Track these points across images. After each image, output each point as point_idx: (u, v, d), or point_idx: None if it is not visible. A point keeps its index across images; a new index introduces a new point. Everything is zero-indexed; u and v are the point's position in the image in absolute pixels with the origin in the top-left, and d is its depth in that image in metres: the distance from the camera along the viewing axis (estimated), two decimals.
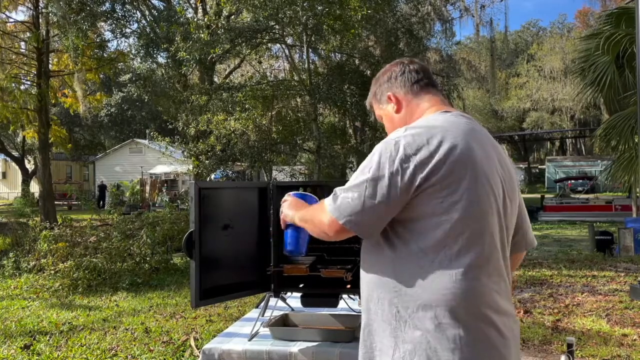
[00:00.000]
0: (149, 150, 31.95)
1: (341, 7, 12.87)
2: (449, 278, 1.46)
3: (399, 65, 1.81)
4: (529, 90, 40.05)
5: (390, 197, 1.48)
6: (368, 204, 1.49)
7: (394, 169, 1.47)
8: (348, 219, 1.52)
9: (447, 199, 1.46)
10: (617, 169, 8.97)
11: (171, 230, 10.66)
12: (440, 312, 1.45)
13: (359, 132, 21.61)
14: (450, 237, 1.46)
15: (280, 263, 2.50)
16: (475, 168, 1.49)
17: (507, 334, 1.50)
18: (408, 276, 1.49)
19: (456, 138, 1.50)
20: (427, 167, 1.45)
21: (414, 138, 1.49)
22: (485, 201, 1.50)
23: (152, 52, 16.73)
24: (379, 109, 1.84)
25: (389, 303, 1.52)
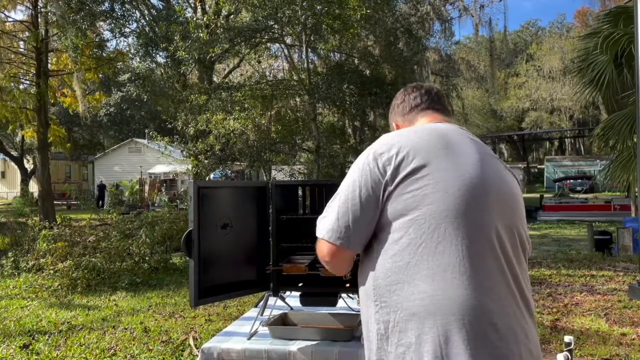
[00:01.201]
0: (148, 149, 31.93)
1: (340, 6, 12.86)
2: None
3: (400, 95, 1.89)
4: (528, 90, 40.05)
5: (360, 199, 1.55)
6: (341, 215, 1.58)
7: (359, 170, 1.57)
8: (325, 232, 1.59)
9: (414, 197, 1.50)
10: (616, 169, 8.97)
11: (170, 229, 10.65)
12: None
13: (358, 131, 21.62)
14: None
15: (279, 262, 2.50)
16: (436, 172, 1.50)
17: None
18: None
19: (413, 145, 1.54)
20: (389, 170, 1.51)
21: (384, 141, 1.60)
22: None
23: (151, 52, 16.72)
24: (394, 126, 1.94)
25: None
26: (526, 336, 1.44)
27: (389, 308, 1.46)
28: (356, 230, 1.53)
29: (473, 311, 1.38)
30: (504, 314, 1.42)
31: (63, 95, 20.65)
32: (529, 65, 42.31)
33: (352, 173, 1.58)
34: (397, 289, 1.45)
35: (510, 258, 1.49)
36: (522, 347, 1.42)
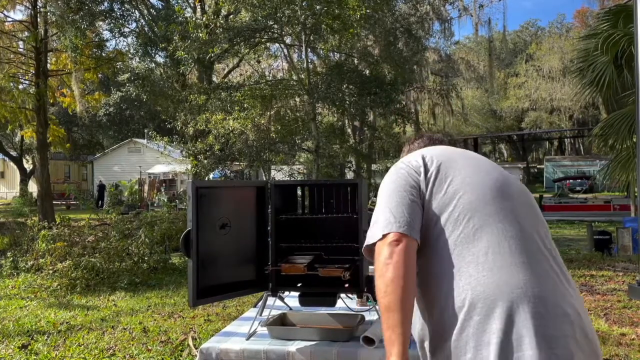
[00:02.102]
0: (147, 149, 31.92)
1: (340, 6, 12.85)
2: None
3: (406, 145, 2.09)
4: (528, 90, 40.06)
5: (404, 195, 1.63)
6: (389, 212, 1.61)
7: (394, 177, 1.70)
8: (390, 227, 1.56)
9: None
10: (615, 168, 8.97)
11: (169, 229, 10.64)
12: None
13: (358, 131, 21.62)
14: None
15: (278, 262, 2.49)
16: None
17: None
18: None
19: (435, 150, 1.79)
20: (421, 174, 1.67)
21: (409, 157, 1.77)
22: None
23: (151, 52, 16.73)
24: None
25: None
26: (578, 314, 1.48)
27: (443, 299, 1.51)
28: (413, 217, 1.56)
29: (519, 289, 1.45)
30: (550, 290, 1.48)
31: (62, 95, 20.64)
32: (528, 65, 42.32)
33: (389, 184, 1.68)
34: (446, 280, 1.51)
35: (544, 239, 1.61)
36: (575, 327, 1.45)
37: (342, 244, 2.51)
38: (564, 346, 1.40)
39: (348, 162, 19.23)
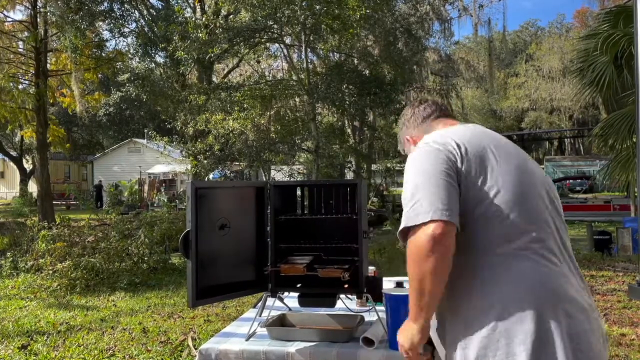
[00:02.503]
0: (147, 149, 31.92)
1: (339, 6, 12.85)
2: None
3: (409, 110, 1.97)
4: (528, 90, 40.06)
5: (443, 179, 1.57)
6: (433, 194, 1.55)
7: (429, 159, 1.61)
8: (432, 212, 1.50)
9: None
10: (615, 168, 8.97)
11: (169, 230, 10.65)
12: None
13: (358, 131, 21.62)
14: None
15: (278, 262, 2.49)
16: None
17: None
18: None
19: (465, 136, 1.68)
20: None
21: (437, 137, 1.68)
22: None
23: (151, 52, 16.73)
24: (408, 152, 1.93)
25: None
26: (592, 308, 1.57)
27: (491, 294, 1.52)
28: (455, 204, 1.52)
29: (551, 285, 1.52)
30: (574, 289, 1.55)
31: (62, 95, 20.63)
32: (528, 65, 42.31)
33: (427, 164, 1.58)
34: (479, 276, 1.54)
35: (565, 240, 1.64)
36: (593, 322, 1.54)
37: (342, 245, 2.50)
38: (586, 340, 1.49)
39: (348, 163, 19.23)
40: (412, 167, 1.62)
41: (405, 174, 1.63)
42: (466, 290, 1.55)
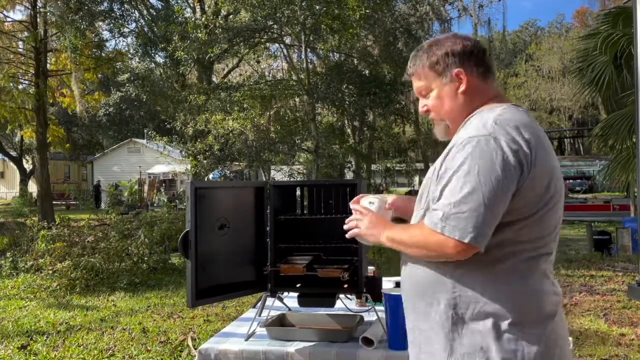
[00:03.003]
0: (147, 149, 31.93)
1: (339, 6, 12.85)
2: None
3: (467, 41, 1.63)
4: (527, 90, 40.04)
5: (502, 199, 1.42)
6: (488, 213, 1.41)
7: (499, 169, 1.40)
8: (472, 236, 1.39)
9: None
10: (615, 169, 8.99)
11: (169, 230, 10.64)
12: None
13: (357, 131, 21.62)
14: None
15: (277, 262, 2.49)
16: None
17: None
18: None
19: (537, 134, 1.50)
20: (525, 165, 1.43)
21: (510, 134, 1.44)
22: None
23: (150, 52, 16.74)
24: (434, 82, 1.63)
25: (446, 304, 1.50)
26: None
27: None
28: (491, 229, 1.43)
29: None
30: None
31: (62, 95, 20.64)
32: (528, 65, 42.30)
33: (488, 168, 1.40)
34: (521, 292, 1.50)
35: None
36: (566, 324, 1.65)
37: (341, 245, 2.50)
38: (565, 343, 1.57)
39: (348, 163, 19.23)
40: (480, 161, 1.40)
41: (469, 159, 1.41)
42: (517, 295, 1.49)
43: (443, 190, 1.44)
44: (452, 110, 1.62)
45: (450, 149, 1.49)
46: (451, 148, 1.49)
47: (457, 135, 1.54)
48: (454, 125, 1.62)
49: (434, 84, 1.63)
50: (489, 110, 1.54)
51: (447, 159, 1.48)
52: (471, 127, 1.50)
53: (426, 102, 1.67)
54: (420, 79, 1.66)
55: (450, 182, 1.43)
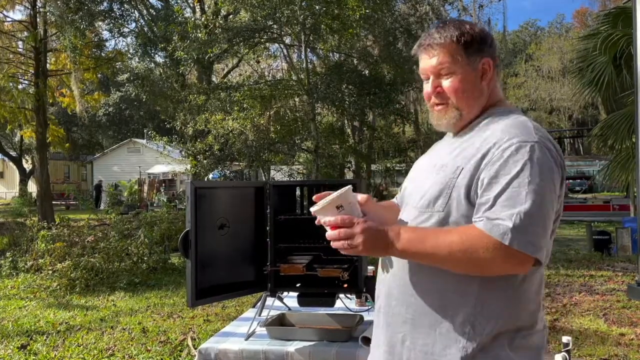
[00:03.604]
0: (147, 149, 31.94)
1: (339, 6, 12.86)
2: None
3: (488, 32, 1.53)
4: (527, 90, 40.06)
5: (555, 212, 1.38)
6: (549, 226, 1.34)
7: (554, 180, 1.36)
8: (542, 252, 1.31)
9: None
10: (614, 168, 8.99)
11: (169, 230, 10.64)
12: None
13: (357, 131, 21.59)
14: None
15: (277, 262, 2.49)
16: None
17: None
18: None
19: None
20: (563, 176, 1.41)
21: (552, 144, 1.40)
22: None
23: (150, 52, 16.75)
24: (459, 62, 1.47)
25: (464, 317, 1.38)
26: None
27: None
28: (551, 243, 1.38)
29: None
30: None
31: (62, 95, 20.64)
32: (528, 65, 42.32)
33: (546, 177, 1.34)
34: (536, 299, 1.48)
35: None
36: None
37: None
38: None
39: (347, 163, 19.22)
40: (539, 169, 1.32)
41: (528, 165, 1.32)
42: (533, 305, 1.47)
43: (499, 197, 1.31)
44: (471, 98, 1.49)
45: (489, 150, 1.38)
46: (489, 149, 1.38)
47: (487, 134, 1.43)
48: (469, 116, 1.50)
49: (458, 64, 1.47)
50: (514, 113, 1.49)
51: (493, 162, 1.36)
52: (511, 129, 1.40)
53: (442, 83, 1.49)
54: (445, 55, 1.47)
55: (509, 188, 1.31)
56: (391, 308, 1.49)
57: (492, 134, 1.42)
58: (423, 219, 1.44)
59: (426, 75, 1.52)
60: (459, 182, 1.39)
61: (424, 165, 1.61)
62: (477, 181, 1.37)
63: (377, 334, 1.57)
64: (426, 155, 1.69)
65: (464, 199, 1.38)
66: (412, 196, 1.53)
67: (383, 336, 1.52)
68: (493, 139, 1.40)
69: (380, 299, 1.55)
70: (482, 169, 1.37)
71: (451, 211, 1.39)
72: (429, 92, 1.52)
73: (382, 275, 1.56)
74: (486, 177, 1.35)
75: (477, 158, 1.39)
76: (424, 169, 1.59)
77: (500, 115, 1.48)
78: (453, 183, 1.40)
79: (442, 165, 1.47)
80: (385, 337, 1.51)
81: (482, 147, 1.40)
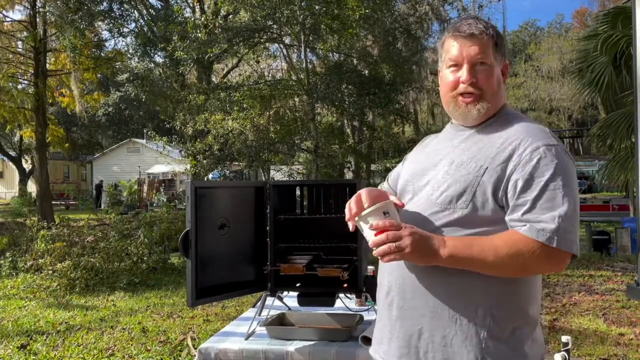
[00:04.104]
0: (146, 149, 31.93)
1: (339, 6, 12.86)
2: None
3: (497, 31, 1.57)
4: (527, 90, 40.07)
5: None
6: (579, 222, 1.44)
7: (576, 181, 1.46)
8: (577, 248, 1.40)
9: None
10: (614, 168, 9.00)
11: (169, 229, 10.64)
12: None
13: (357, 131, 21.60)
14: None
15: (277, 262, 2.50)
16: None
17: None
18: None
19: None
20: None
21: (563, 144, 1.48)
22: None
23: (150, 52, 16.74)
24: (494, 58, 1.52)
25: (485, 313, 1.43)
26: None
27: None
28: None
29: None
30: None
31: (61, 95, 20.62)
32: (527, 66, 42.34)
33: (574, 178, 1.43)
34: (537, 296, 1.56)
35: None
36: None
37: (341, 244, 2.51)
38: None
39: (347, 162, 19.22)
40: (567, 172, 1.41)
41: (559, 169, 1.39)
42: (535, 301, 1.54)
43: (538, 199, 1.38)
44: (498, 95, 1.54)
45: (514, 151, 1.43)
46: (514, 150, 1.43)
47: (506, 134, 1.48)
48: (492, 111, 1.53)
49: (494, 59, 1.51)
50: (523, 116, 1.56)
51: (524, 163, 1.41)
52: (533, 132, 1.46)
53: (478, 74, 1.50)
54: (487, 47, 1.50)
55: (547, 191, 1.38)
56: (406, 301, 1.49)
57: (513, 135, 1.46)
58: (445, 214, 1.46)
59: (459, 62, 1.51)
60: (484, 181, 1.42)
61: (428, 164, 1.59)
62: (508, 182, 1.41)
63: (386, 327, 1.56)
64: (419, 155, 1.68)
65: (490, 197, 1.42)
66: (423, 190, 1.54)
67: (396, 330, 1.51)
68: (515, 140, 1.44)
69: (391, 292, 1.53)
70: (512, 170, 1.41)
71: (477, 208, 1.42)
72: (465, 79, 1.50)
73: (389, 269, 1.54)
74: (520, 179, 1.40)
75: (502, 158, 1.43)
76: (429, 167, 1.58)
77: (512, 118, 1.54)
78: (477, 181, 1.43)
79: (460, 163, 1.48)
80: (400, 331, 1.50)
81: (504, 148, 1.45)
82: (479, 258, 1.37)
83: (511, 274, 1.41)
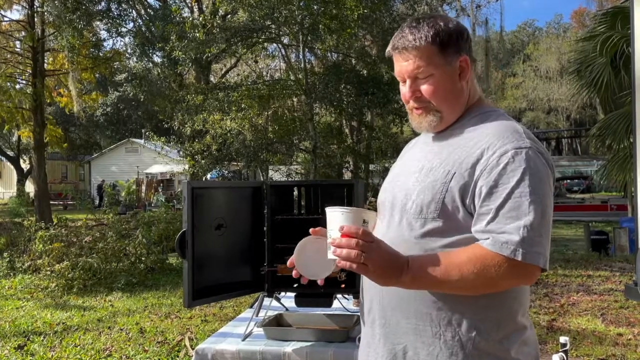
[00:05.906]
0: (145, 149, 31.91)
1: (337, 6, 12.86)
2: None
3: (462, 26, 1.46)
4: (525, 90, 40.18)
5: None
6: (550, 232, 1.33)
7: (550, 185, 1.34)
8: (546, 260, 1.30)
9: None
10: (612, 168, 9.01)
11: (167, 230, 10.62)
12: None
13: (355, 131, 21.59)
14: None
15: (274, 262, 2.49)
16: None
17: None
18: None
19: None
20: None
21: (542, 147, 1.38)
22: None
23: (148, 52, 16.71)
24: (436, 63, 1.41)
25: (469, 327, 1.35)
26: None
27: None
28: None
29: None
30: None
31: (59, 95, 20.61)
32: (526, 66, 42.45)
33: (546, 185, 1.32)
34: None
35: None
36: None
37: None
38: None
39: (345, 163, 19.22)
40: (537, 177, 1.30)
41: (527, 175, 1.29)
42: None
43: (501, 208, 1.28)
44: (451, 99, 1.43)
45: (482, 155, 1.34)
46: (482, 153, 1.34)
47: (476, 136, 1.39)
48: (450, 117, 1.45)
49: (435, 66, 1.40)
50: (499, 114, 1.45)
51: (490, 168, 1.31)
52: (503, 133, 1.36)
53: (420, 87, 1.42)
54: (422, 58, 1.40)
55: (511, 199, 1.28)
56: (388, 319, 1.42)
57: (482, 137, 1.37)
58: (420, 224, 1.37)
59: (402, 78, 1.46)
60: (452, 187, 1.34)
61: (403, 171, 1.52)
62: (474, 188, 1.32)
63: (371, 346, 1.48)
64: (399, 161, 1.63)
65: (460, 205, 1.33)
66: (396, 201, 1.45)
67: (380, 348, 1.45)
68: (484, 143, 1.35)
69: (372, 309, 1.47)
70: (479, 176, 1.32)
71: (448, 216, 1.34)
72: (407, 96, 1.45)
73: (368, 284, 1.47)
74: (484, 186, 1.30)
75: (470, 163, 1.34)
76: (403, 174, 1.50)
77: (486, 117, 1.44)
78: (445, 188, 1.34)
79: (430, 169, 1.40)
80: (384, 349, 1.43)
81: (473, 151, 1.35)
82: (442, 280, 1.27)
83: (481, 292, 1.31)
